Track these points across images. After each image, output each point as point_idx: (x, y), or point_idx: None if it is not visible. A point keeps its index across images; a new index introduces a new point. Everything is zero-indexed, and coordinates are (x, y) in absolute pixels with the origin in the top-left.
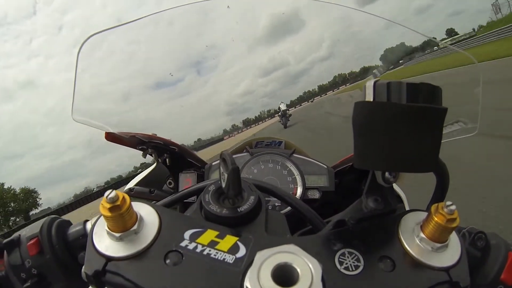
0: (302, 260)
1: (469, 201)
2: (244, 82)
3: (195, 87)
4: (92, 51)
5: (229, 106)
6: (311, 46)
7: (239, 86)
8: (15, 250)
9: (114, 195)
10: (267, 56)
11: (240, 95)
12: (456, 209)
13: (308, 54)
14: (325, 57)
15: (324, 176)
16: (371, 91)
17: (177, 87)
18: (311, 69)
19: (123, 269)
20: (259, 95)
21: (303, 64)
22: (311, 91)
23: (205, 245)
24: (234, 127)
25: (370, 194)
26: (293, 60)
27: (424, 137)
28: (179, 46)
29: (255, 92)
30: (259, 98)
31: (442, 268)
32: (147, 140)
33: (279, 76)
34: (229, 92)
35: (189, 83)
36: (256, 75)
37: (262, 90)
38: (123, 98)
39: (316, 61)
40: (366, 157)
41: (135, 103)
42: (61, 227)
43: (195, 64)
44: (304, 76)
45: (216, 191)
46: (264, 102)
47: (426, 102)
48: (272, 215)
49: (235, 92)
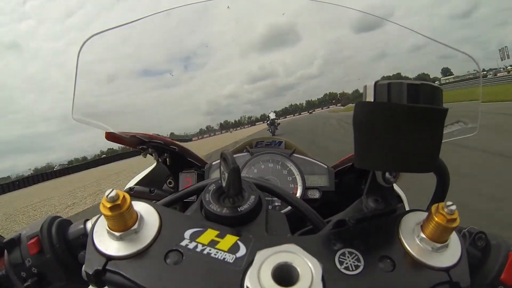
0: (302, 259)
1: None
2: (231, 86)
3: (182, 81)
4: (92, 51)
5: (211, 106)
6: (303, 62)
7: (225, 87)
8: (15, 249)
9: (115, 194)
10: (258, 63)
11: (225, 97)
12: (456, 209)
13: (298, 69)
14: (315, 75)
15: (324, 176)
16: (371, 91)
17: (163, 78)
18: (299, 85)
19: (123, 268)
20: (243, 100)
21: (292, 78)
22: (298, 105)
23: (205, 245)
24: (209, 129)
25: (370, 194)
26: (283, 72)
27: (425, 137)
28: (172, 38)
29: (239, 97)
30: (242, 104)
31: (442, 268)
32: (147, 140)
33: (266, 85)
34: (214, 92)
35: (176, 77)
36: (243, 80)
37: (247, 97)
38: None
39: (305, 78)
40: (367, 157)
41: (118, 86)
42: (62, 226)
43: (185, 59)
44: (291, 90)
45: (217, 191)
46: (247, 108)
47: (427, 103)
48: (272, 215)
49: (220, 92)
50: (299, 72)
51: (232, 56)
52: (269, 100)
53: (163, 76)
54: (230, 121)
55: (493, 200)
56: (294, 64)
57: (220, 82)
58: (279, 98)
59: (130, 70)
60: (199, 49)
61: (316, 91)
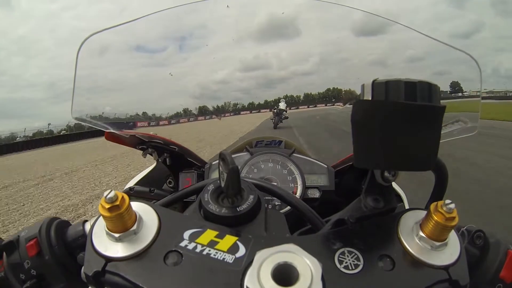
0: (302, 259)
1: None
2: (224, 71)
3: (175, 61)
4: (91, 50)
5: (200, 90)
6: (299, 58)
7: (217, 73)
8: (14, 251)
9: (113, 195)
10: (253, 53)
11: (216, 82)
12: (455, 208)
13: (293, 63)
14: (309, 72)
15: (324, 175)
16: (369, 89)
17: (155, 57)
18: (291, 79)
19: (122, 269)
20: (233, 88)
21: (285, 72)
22: (295, 97)
23: (205, 245)
24: (187, 112)
25: (369, 193)
26: (277, 65)
27: (423, 135)
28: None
29: (230, 83)
30: (231, 91)
31: (441, 267)
32: (147, 139)
33: (257, 75)
34: (205, 75)
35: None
36: (237, 68)
37: (237, 84)
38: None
39: (298, 74)
40: (365, 156)
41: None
42: (60, 228)
43: (181, 39)
44: (282, 84)
45: (215, 191)
46: (236, 96)
47: (424, 100)
48: (271, 215)
49: (211, 77)
50: (293, 66)
51: (228, 42)
52: (259, 90)
53: (154, 55)
54: (209, 108)
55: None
56: (289, 58)
57: (213, 67)
58: (269, 90)
59: (123, 44)
60: (196, 30)
61: (309, 87)
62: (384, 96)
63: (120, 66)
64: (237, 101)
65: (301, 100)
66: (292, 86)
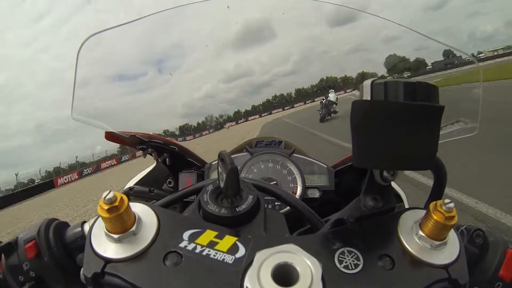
0: (301, 259)
1: None
2: (207, 86)
3: (157, 84)
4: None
5: (186, 108)
6: (278, 59)
7: (200, 89)
8: (12, 253)
9: (112, 195)
10: (233, 62)
11: (200, 99)
12: (454, 207)
13: (274, 66)
14: (290, 72)
15: (324, 175)
16: (368, 90)
17: (137, 83)
18: (275, 81)
19: (122, 271)
20: (219, 100)
21: (268, 76)
22: (286, 95)
23: (204, 246)
24: (166, 134)
25: (368, 193)
26: (259, 70)
27: (422, 135)
28: (145, 41)
29: (216, 96)
30: (218, 103)
31: (441, 266)
32: (147, 139)
33: (242, 84)
34: (189, 93)
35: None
36: (220, 79)
37: (223, 96)
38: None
39: (281, 75)
40: (364, 156)
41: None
42: (59, 229)
43: (158, 62)
44: (268, 88)
45: (215, 191)
46: (223, 107)
47: (423, 100)
48: (271, 215)
49: (195, 94)
50: (275, 69)
51: (206, 56)
52: (245, 98)
53: (137, 81)
54: (191, 125)
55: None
56: (270, 61)
57: (195, 84)
58: (254, 97)
59: (103, 75)
60: (172, 51)
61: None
62: (383, 97)
63: (102, 95)
64: (223, 113)
65: (293, 98)
66: (277, 87)
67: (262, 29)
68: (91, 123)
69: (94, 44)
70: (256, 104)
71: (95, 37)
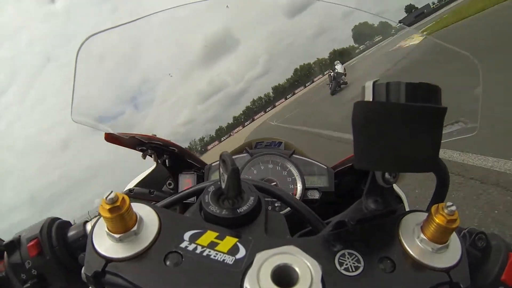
0: (301, 261)
1: None
2: (184, 112)
3: (136, 122)
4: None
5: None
6: (248, 63)
7: (178, 117)
8: (15, 251)
9: (114, 195)
10: (205, 80)
11: (182, 125)
12: (456, 210)
13: (246, 71)
14: (263, 72)
15: (324, 176)
16: (370, 91)
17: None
18: (250, 87)
19: (123, 270)
20: (201, 122)
21: (242, 83)
22: (264, 96)
23: (205, 246)
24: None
25: (370, 195)
26: (232, 80)
27: (424, 136)
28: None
29: (196, 120)
30: (201, 125)
31: (442, 269)
32: (146, 141)
33: (219, 98)
34: (169, 124)
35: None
36: (196, 102)
37: (203, 117)
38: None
39: (255, 78)
40: (366, 157)
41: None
42: (61, 228)
43: (132, 100)
44: (246, 94)
45: (216, 192)
46: (207, 128)
47: (425, 102)
48: (271, 216)
49: (175, 123)
50: (247, 74)
51: (178, 82)
52: (226, 111)
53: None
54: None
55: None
56: (240, 68)
57: (173, 113)
58: (234, 107)
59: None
60: (142, 86)
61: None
62: (385, 98)
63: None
64: (205, 135)
65: (272, 97)
66: (253, 92)
67: (224, 39)
68: (91, 124)
69: (93, 44)
70: (236, 115)
71: (94, 37)
